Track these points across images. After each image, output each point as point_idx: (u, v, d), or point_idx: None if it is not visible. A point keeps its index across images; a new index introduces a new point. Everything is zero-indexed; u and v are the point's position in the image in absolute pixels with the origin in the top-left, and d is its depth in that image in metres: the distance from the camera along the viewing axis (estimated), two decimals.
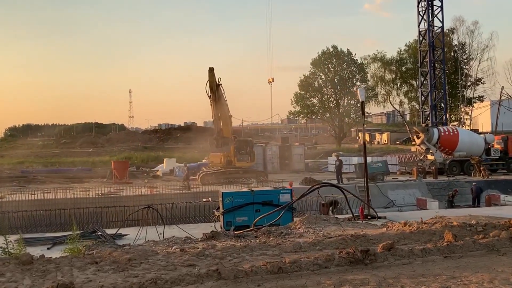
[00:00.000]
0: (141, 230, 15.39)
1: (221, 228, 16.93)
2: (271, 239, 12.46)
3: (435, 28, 45.46)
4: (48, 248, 14.75)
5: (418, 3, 45.56)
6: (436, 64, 46.04)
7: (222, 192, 17.70)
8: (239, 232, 13.85)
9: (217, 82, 34.50)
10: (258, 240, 12.01)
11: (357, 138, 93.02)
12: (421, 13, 45.55)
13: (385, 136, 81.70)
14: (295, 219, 15.22)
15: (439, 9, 45.26)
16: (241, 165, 35.93)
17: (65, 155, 62.71)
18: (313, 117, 70.94)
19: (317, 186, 16.17)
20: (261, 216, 15.20)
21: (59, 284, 7.86)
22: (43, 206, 24.91)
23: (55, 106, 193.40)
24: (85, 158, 60.50)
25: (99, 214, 22.86)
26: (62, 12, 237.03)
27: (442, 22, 45.60)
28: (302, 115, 68.70)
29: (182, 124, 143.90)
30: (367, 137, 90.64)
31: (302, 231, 13.16)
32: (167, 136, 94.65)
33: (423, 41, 46.49)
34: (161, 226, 16.28)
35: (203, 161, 47.39)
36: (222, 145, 35.24)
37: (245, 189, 19.19)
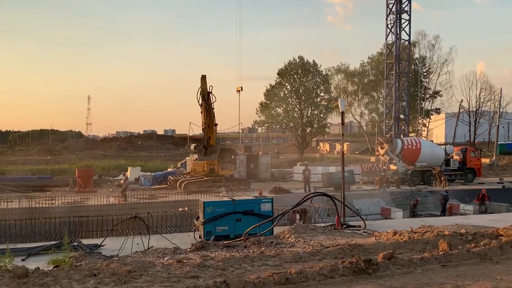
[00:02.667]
0: (117, 241, 14.98)
1: (199, 237, 16.68)
2: (262, 249, 12.40)
3: (402, 41, 46.73)
4: (22, 260, 14.10)
5: (387, 16, 46.68)
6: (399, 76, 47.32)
7: (204, 202, 17.45)
8: (228, 242, 13.70)
9: (209, 90, 34.41)
10: (252, 250, 11.91)
11: (318, 148, 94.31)
12: (389, 26, 46.68)
13: (345, 146, 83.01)
14: (283, 228, 15.19)
15: (407, 22, 46.59)
16: (224, 173, 35.87)
17: (22, 163, 60.43)
18: (277, 126, 71.39)
19: (311, 195, 16.21)
20: (253, 226, 15.08)
21: None
22: (7, 215, 23.95)
23: (8, 112, 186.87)
24: (43, 166, 58.47)
25: (67, 223, 22.06)
26: (16, 14, 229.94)
27: (409, 35, 46.97)
28: (267, 124, 69.05)
29: (142, 132, 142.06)
30: (327, 147, 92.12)
31: (292, 240, 13.15)
32: (127, 144, 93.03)
33: (389, 53, 47.66)
34: (138, 236, 15.90)
35: (169, 169, 46.76)
36: (210, 153, 35.06)
37: (226, 198, 19.02)
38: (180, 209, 23.90)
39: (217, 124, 35.83)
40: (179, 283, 8.90)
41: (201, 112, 34.94)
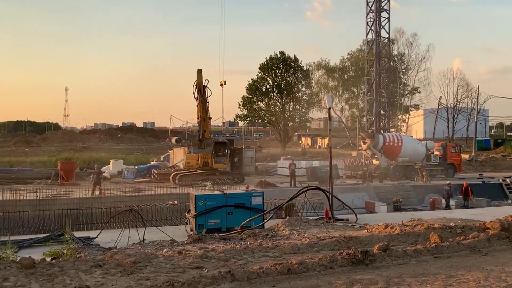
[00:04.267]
0: (108, 233, 15.08)
1: (191, 230, 16.87)
2: (259, 241, 12.69)
3: (382, 38, 47.45)
4: (15, 252, 14.12)
5: (367, 14, 47.35)
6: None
7: (195, 195, 17.63)
8: (224, 234, 13.96)
9: (204, 84, 34.53)
10: (249, 242, 12.19)
11: (300, 142, 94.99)
12: (369, 23, 47.34)
13: (326, 141, 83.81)
14: (273, 222, 15.48)
15: (386, 20, 47.32)
16: (218, 167, 36.03)
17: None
18: (260, 120, 71.76)
19: (305, 189, 16.53)
20: (249, 219, 15.33)
21: None
22: None
23: None
24: (22, 158, 57.73)
25: (53, 216, 22.00)
26: None
27: (388, 33, 47.70)
28: (249, 119, 69.34)
29: (121, 125, 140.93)
30: (309, 141, 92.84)
31: (287, 233, 13.47)
32: (107, 136, 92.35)
33: (369, 50, 48.36)
34: (128, 229, 15.98)
35: (153, 163, 46.68)
36: (205, 146, 35.22)
37: (217, 192, 19.24)
38: (170, 203, 24.02)
39: (211, 118, 36.14)
40: (184, 273, 9.13)
41: (197, 106, 35.23)
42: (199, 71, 34.68)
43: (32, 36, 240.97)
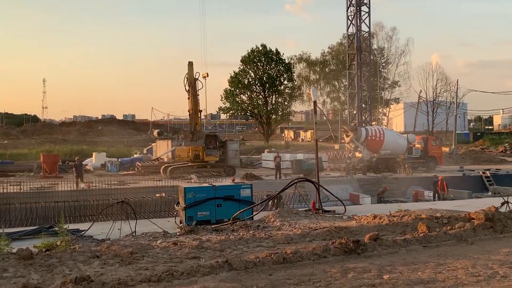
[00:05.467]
0: (96, 226, 15.08)
1: (180, 223, 17.01)
2: (251, 232, 12.91)
3: (362, 32, 47.90)
4: (6, 245, 14.09)
5: (347, 8, 47.74)
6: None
7: (185, 187, 17.75)
8: (216, 225, 14.13)
9: (195, 77, 34.56)
10: (241, 233, 12.39)
11: (282, 135, 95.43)
12: (350, 17, 47.73)
13: (308, 134, 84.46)
14: (268, 213, 15.71)
15: (367, 14, 47.77)
16: (210, 159, 36.07)
17: None
18: (242, 113, 71.88)
19: (296, 180, 16.78)
20: (241, 210, 15.52)
21: (78, 278, 7.80)
22: None
23: None
24: (1, 150, 56.94)
25: (44, 209, 21.90)
26: None
27: (369, 27, 48.19)
28: (232, 111, 69.39)
29: (100, 117, 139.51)
30: (291, 134, 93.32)
31: (278, 224, 13.72)
32: (87, 128, 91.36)
33: (351, 44, 48.78)
34: (118, 221, 16.02)
35: (136, 155, 46.53)
36: (197, 139, 35.35)
37: (206, 184, 19.40)
38: (158, 195, 24.07)
39: (201, 111, 36.28)
40: (182, 263, 9.30)
41: (188, 98, 35.32)
42: (190, 64, 34.79)
43: (6, 25, 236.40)
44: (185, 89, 35.08)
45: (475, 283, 8.25)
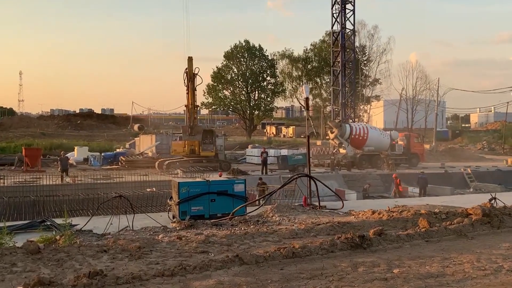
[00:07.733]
0: (91, 220, 14.91)
1: (173, 217, 16.92)
2: (251, 226, 12.94)
3: (347, 30, 48.20)
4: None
5: (332, 5, 47.94)
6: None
7: (178, 182, 17.64)
8: (216, 220, 14.12)
9: (195, 72, 34.48)
10: (242, 228, 12.41)
11: (264, 131, 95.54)
12: (334, 15, 47.98)
13: (290, 130, 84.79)
14: (266, 207, 15.73)
15: (351, 12, 48.08)
16: (206, 155, 36.09)
17: None
18: (225, 109, 71.75)
19: (296, 176, 16.83)
20: (240, 206, 15.50)
21: (91, 272, 7.71)
22: None
23: None
24: None
25: (31, 203, 21.51)
26: None
27: (353, 25, 48.54)
28: (214, 106, 69.20)
29: (78, 111, 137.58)
30: (273, 130, 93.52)
31: (277, 219, 13.77)
32: (65, 122, 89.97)
33: (335, 42, 49.04)
34: (114, 216, 15.85)
35: (119, 150, 46.08)
36: (195, 134, 35.39)
37: (199, 179, 19.33)
38: (148, 190, 23.91)
39: (198, 106, 36.38)
40: (191, 257, 9.26)
41: (187, 93, 35.23)
42: (190, 59, 34.68)
43: None
44: (184, 83, 34.98)
45: (483, 276, 8.43)
